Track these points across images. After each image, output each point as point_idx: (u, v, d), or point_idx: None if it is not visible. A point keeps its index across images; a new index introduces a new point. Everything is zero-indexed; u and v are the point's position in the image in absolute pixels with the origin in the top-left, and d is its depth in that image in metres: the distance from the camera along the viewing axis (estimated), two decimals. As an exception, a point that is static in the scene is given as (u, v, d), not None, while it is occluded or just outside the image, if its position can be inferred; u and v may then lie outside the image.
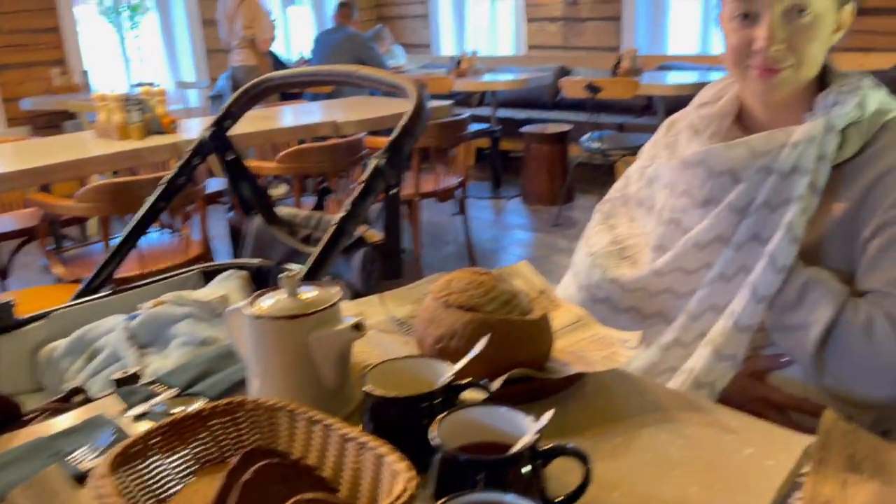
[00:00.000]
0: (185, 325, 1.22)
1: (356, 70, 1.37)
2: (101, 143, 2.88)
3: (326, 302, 0.77)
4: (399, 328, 0.97)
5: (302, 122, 3.39)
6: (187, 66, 6.33)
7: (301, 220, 1.50)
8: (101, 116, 2.90)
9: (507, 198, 5.33)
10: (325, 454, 0.64)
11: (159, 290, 1.37)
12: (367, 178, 1.17)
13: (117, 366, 1.17)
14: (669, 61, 5.81)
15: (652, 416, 0.76)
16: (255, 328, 0.76)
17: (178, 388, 0.87)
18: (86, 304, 1.31)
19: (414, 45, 7.52)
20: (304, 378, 0.76)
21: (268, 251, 1.51)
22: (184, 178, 1.49)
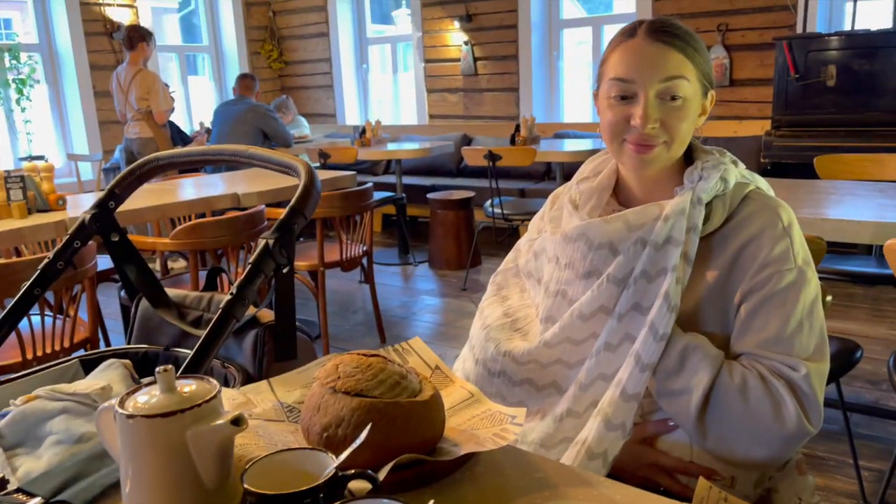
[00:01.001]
0: (61, 420, 1.14)
1: (245, 150, 1.36)
2: (-22, 222, 2.71)
3: (205, 396, 0.74)
4: (289, 415, 0.94)
5: (201, 194, 3.31)
6: (80, 139, 6.12)
7: (191, 301, 1.45)
8: (-20, 194, 2.74)
9: (415, 263, 5.35)
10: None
11: (34, 382, 1.28)
12: (255, 258, 1.15)
13: (-19, 471, 1.07)
14: (565, 129, 6.10)
15: (543, 492, 0.77)
16: (128, 428, 0.72)
17: (41, 498, 0.81)
18: (-52, 403, 1.21)
19: (319, 114, 7.58)
20: (182, 478, 0.72)
21: (156, 335, 1.45)
22: (62, 263, 1.42)
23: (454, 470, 0.82)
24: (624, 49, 1.05)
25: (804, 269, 1.01)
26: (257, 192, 3.31)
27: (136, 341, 1.44)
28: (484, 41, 6.38)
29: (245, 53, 7.28)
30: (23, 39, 6.02)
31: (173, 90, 5.48)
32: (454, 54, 6.56)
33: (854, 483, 2.25)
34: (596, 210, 1.13)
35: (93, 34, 6.05)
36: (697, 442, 0.99)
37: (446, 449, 0.83)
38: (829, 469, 2.36)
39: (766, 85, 5.06)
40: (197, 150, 1.45)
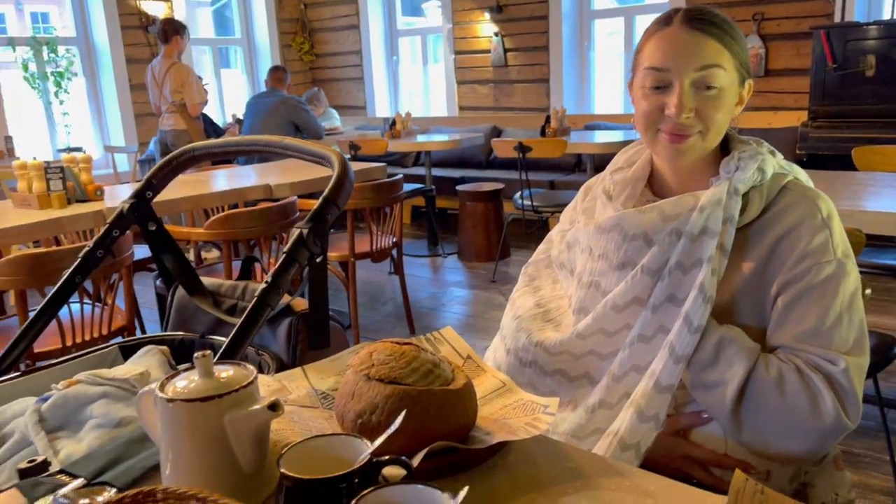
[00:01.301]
0: (101, 405, 1.17)
1: (280, 140, 1.38)
2: (20, 212, 2.78)
3: (242, 381, 0.75)
4: (323, 402, 0.95)
5: (234, 185, 3.36)
6: (116, 131, 6.23)
7: (226, 290, 1.47)
8: (21, 185, 2.81)
9: (444, 255, 5.36)
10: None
11: (74, 368, 1.32)
12: (289, 248, 1.16)
13: (26, 452, 1.11)
14: (596, 120, 6.04)
15: (575, 482, 0.76)
16: (167, 411, 0.73)
17: (84, 479, 0.83)
18: None
19: (349, 106, 7.61)
20: (220, 462, 0.73)
21: (192, 322, 1.48)
22: (101, 252, 1.45)
23: (486, 458, 0.82)
24: (659, 37, 1.04)
25: (844, 262, 0.99)
26: (289, 184, 3.34)
27: (172, 329, 1.47)
28: (514, 32, 6.34)
29: (277, 46, 7.34)
30: (60, 33, 6.14)
31: (206, 83, 5.54)
32: (484, 46, 6.53)
33: (890, 480, 2.21)
34: (630, 200, 1.12)
35: (129, 28, 6.15)
36: (732, 435, 0.98)
37: (479, 437, 0.83)
38: (865, 466, 2.32)
39: (802, 75, 4.96)
40: (232, 140, 1.46)
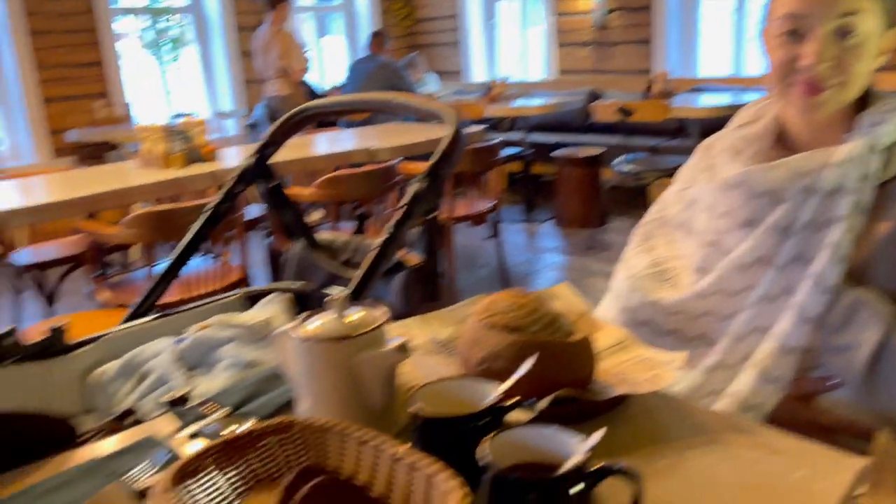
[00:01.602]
0: (231, 348, 1.25)
1: (394, 97, 1.40)
2: (144, 172, 2.96)
3: (372, 324, 0.79)
4: (442, 350, 0.98)
5: (337, 149, 3.44)
6: (225, 97, 6.49)
7: (340, 244, 1.52)
8: (145, 146, 2.98)
9: (540, 221, 5.33)
10: (376, 474, 0.65)
11: (204, 314, 1.41)
12: (406, 202, 1.19)
13: (165, 388, 1.20)
14: (701, 84, 5.79)
15: (699, 438, 0.76)
16: (303, 350, 0.78)
17: (228, 409, 0.89)
18: (134, 329, 1.35)
19: (446, 71, 7.61)
20: (351, 399, 0.77)
21: (308, 275, 1.54)
22: (227, 205, 1.53)
23: (607, 411, 0.83)
24: None
25: None
26: (390, 147, 3.39)
27: (292, 279, 1.53)
28: (617, -9, 6.13)
29: (376, 11, 7.40)
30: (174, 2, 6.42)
31: (308, 49, 5.67)
32: (585, 6, 6.35)
33: None
34: (757, 157, 1.08)
35: (237, -4, 6.35)
36: (864, 401, 0.94)
37: (598, 390, 0.83)
38: None
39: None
40: (347, 99, 1.50)
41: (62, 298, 3.30)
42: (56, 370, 1.24)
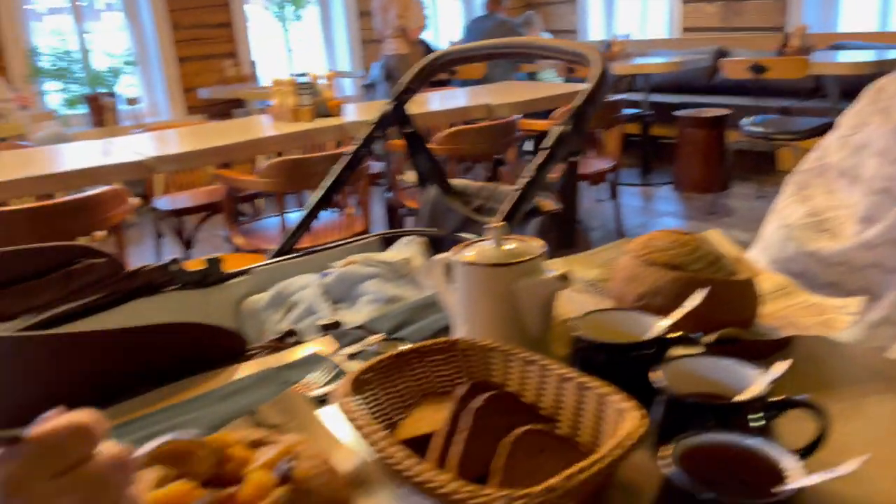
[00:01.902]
0: (373, 283, 1.29)
1: (534, 41, 1.39)
2: (274, 125, 3.09)
3: (531, 253, 0.79)
4: (590, 289, 0.97)
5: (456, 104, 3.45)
6: (343, 56, 6.63)
7: (474, 191, 1.54)
8: (276, 100, 3.10)
9: (657, 185, 5.16)
10: (543, 393, 0.66)
11: (344, 253, 1.46)
12: (550, 144, 1.18)
13: (313, 318, 1.26)
14: (842, 40, 5.37)
15: (878, 384, 0.72)
16: (464, 275, 0.79)
17: (382, 335, 0.93)
18: (283, 263, 1.42)
19: (561, 30, 7.43)
20: (509, 326, 0.78)
21: (441, 221, 1.57)
22: (366, 150, 1.57)
23: (770, 353, 0.80)
24: None
25: None
26: (509, 103, 3.36)
27: (426, 224, 1.57)
28: (752, -59, 5.74)
29: (492, -31, 7.30)
30: (297, -36, 6.58)
31: (425, 7, 5.68)
32: (715, -41, 6.00)
33: None
34: (941, 97, 1.00)
35: (357, -45, 6.43)
36: None
37: (762, 332, 0.81)
38: None
39: None
40: (486, 43, 1.50)
41: (198, 244, 3.52)
42: (213, 298, 1.33)
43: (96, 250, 1.27)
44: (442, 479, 0.51)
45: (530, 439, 0.58)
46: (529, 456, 0.57)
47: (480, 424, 0.60)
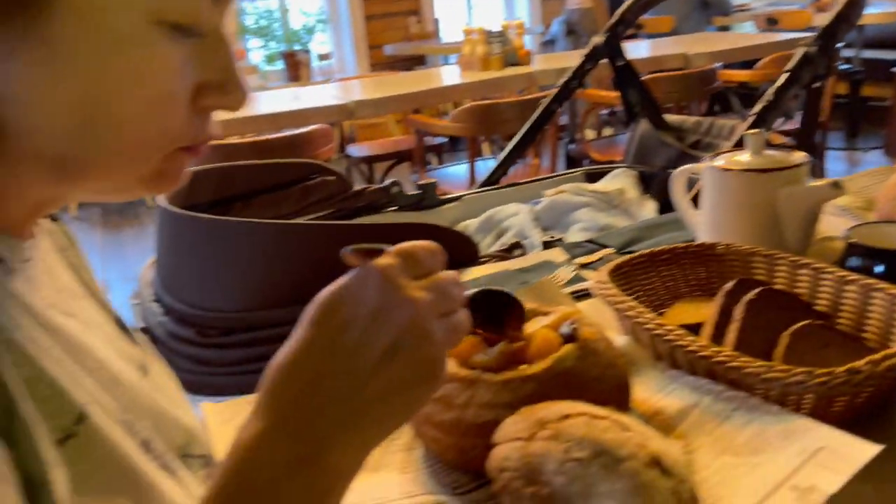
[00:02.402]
0: (585, 212, 1.29)
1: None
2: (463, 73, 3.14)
3: (795, 161, 0.75)
4: (843, 214, 0.91)
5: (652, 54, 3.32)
6: (523, 12, 6.58)
7: (690, 125, 1.47)
8: (466, 49, 3.15)
9: (865, 149, 4.67)
10: (818, 294, 0.63)
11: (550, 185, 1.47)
12: (793, 66, 1.10)
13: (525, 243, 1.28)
14: None
15: None
16: (720, 182, 0.77)
17: (612, 249, 0.92)
18: (492, 191, 1.46)
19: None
20: (768, 237, 0.74)
21: (650, 157, 1.52)
22: (576, 83, 1.56)
23: None
24: None
25: None
26: (707, 53, 3.18)
27: (632, 161, 1.53)
28: None
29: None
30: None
31: (613, -41, 5.47)
32: None
33: None
34: None
35: None
36: None
37: None
38: None
39: None
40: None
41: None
42: (427, 220, 1.40)
43: (329, 168, 1.37)
44: (730, 353, 0.51)
45: (813, 332, 0.56)
46: (813, 348, 0.55)
47: (754, 316, 0.58)
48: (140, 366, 0.48)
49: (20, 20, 0.32)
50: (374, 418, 0.36)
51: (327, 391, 0.36)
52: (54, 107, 0.34)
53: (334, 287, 0.38)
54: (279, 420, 0.36)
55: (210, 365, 0.89)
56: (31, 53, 0.32)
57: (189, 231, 0.96)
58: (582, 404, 0.47)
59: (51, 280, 0.43)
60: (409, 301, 0.37)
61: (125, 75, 0.34)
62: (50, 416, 0.34)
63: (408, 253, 0.39)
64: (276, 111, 2.58)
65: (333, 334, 0.37)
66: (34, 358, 0.34)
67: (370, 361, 0.36)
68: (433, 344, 0.37)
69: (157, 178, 0.39)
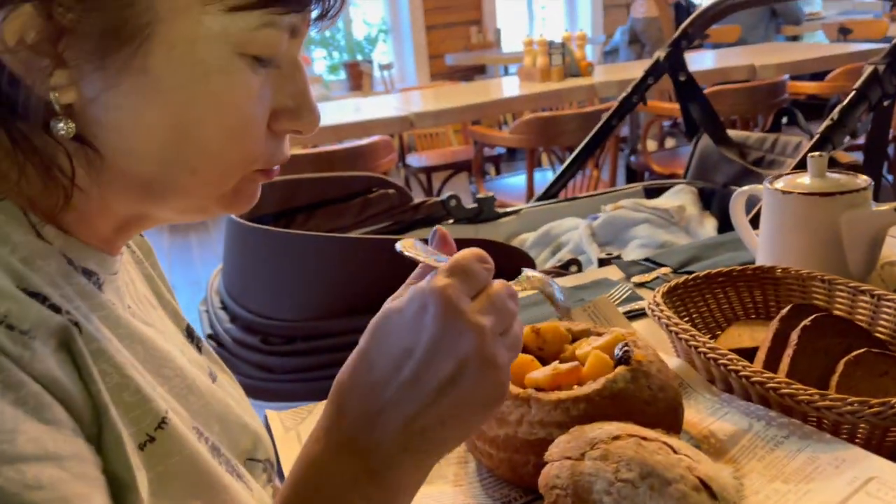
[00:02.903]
0: (644, 228, 1.29)
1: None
2: (522, 84, 3.15)
3: (859, 185, 0.74)
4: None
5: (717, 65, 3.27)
6: (585, 22, 6.55)
7: (753, 142, 1.45)
8: (527, 61, 3.16)
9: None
10: (876, 321, 0.62)
11: (608, 200, 1.47)
12: (861, 84, 1.08)
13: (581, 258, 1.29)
14: None
15: None
16: (781, 205, 0.76)
17: (669, 268, 0.92)
18: (549, 205, 1.47)
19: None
20: (829, 261, 0.74)
21: (712, 173, 1.50)
22: (637, 97, 1.55)
23: None
24: None
25: None
26: (775, 65, 3.11)
27: (692, 177, 1.52)
28: None
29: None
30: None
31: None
32: None
33: None
34: None
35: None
36: None
37: None
38: None
39: None
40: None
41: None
42: (484, 233, 1.42)
43: (389, 181, 1.40)
44: (783, 380, 0.51)
45: (871, 360, 0.55)
46: (870, 376, 0.55)
47: (809, 342, 0.58)
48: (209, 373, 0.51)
49: (122, 53, 0.35)
50: (437, 439, 0.38)
51: (389, 415, 0.38)
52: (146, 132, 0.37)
53: (396, 308, 0.39)
54: (346, 440, 0.38)
55: (273, 371, 0.93)
56: (128, 83, 0.36)
57: (255, 243, 1.00)
58: (632, 426, 0.48)
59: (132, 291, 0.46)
60: (473, 329, 0.37)
61: (211, 102, 0.37)
62: (133, 422, 0.37)
63: (463, 269, 0.39)
64: (339, 123, 2.64)
65: (395, 359, 0.38)
66: (121, 366, 0.37)
67: (433, 387, 0.37)
68: (498, 368, 0.38)
69: (233, 198, 0.42)
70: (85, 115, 0.36)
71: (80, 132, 0.36)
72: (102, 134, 0.37)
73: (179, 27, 0.36)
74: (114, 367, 0.37)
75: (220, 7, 0.36)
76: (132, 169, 0.38)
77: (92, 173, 0.38)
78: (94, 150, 0.37)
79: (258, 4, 0.36)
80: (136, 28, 0.35)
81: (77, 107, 0.36)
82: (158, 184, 0.39)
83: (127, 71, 0.35)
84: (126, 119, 0.37)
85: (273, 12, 0.37)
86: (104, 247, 0.42)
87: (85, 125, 0.36)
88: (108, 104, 0.36)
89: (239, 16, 0.36)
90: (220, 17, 0.36)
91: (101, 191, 0.39)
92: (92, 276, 0.40)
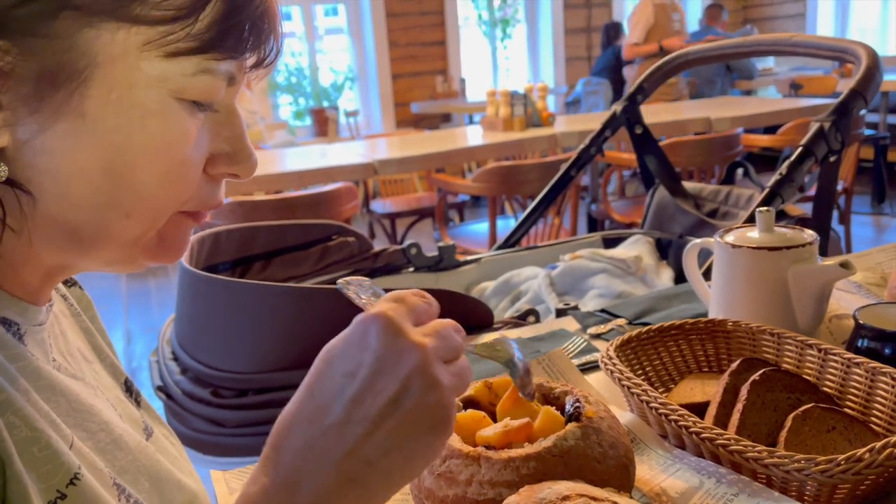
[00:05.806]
0: (602, 278, 1.30)
1: (790, 37, 1.32)
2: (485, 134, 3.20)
3: (804, 240, 0.75)
4: (857, 291, 0.90)
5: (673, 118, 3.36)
6: (547, 73, 6.71)
7: (708, 194, 1.49)
8: (490, 111, 3.21)
9: (892, 215, 4.63)
10: (824, 375, 0.63)
11: (567, 249, 1.48)
12: (807, 140, 1.12)
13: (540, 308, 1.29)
14: None
15: None
16: (730, 259, 0.77)
17: (624, 319, 0.93)
18: (509, 254, 1.47)
19: (782, 47, 6.95)
20: (778, 315, 0.75)
21: (668, 223, 1.53)
22: (595, 149, 1.59)
23: None
24: None
25: None
26: (730, 118, 3.21)
27: (649, 227, 1.54)
28: None
29: (710, -16, 7.02)
30: (509, -16, 6.77)
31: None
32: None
33: None
34: None
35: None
36: None
37: None
38: None
39: None
40: (730, 42, 1.45)
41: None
42: (444, 281, 1.41)
43: (350, 229, 1.40)
44: (732, 437, 0.51)
45: (818, 415, 0.56)
46: (818, 431, 0.55)
47: (758, 397, 0.58)
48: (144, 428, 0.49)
49: (58, 96, 0.35)
50: (381, 470, 0.36)
51: (331, 442, 0.36)
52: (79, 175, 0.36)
53: (338, 338, 0.38)
54: (284, 473, 0.36)
55: (224, 426, 0.90)
56: (64, 126, 0.35)
57: (207, 292, 0.98)
58: (582, 485, 0.47)
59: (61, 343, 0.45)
60: (415, 346, 0.36)
61: (147, 145, 0.37)
62: (43, 478, 0.35)
63: (401, 297, 0.39)
64: (303, 169, 2.64)
65: (338, 384, 0.37)
66: (31, 419, 0.36)
67: (376, 409, 0.36)
68: (441, 389, 0.37)
69: (160, 246, 0.41)
70: (18, 158, 0.36)
71: (12, 176, 0.36)
72: (36, 178, 0.36)
73: (117, 71, 0.35)
74: (22, 420, 0.35)
75: (158, 53, 0.36)
76: (64, 215, 0.37)
77: (22, 218, 0.37)
78: (27, 193, 0.36)
79: (195, 51, 0.36)
80: (74, 72, 0.35)
81: (10, 150, 0.35)
82: (89, 230, 0.38)
83: (63, 114, 0.35)
84: (60, 162, 0.36)
85: (210, 58, 0.37)
86: (29, 297, 0.41)
87: (18, 169, 0.36)
88: (42, 147, 0.36)
89: (176, 62, 0.36)
90: (158, 63, 0.36)
91: (26, 239, 0.38)
92: (12, 326, 0.39)
